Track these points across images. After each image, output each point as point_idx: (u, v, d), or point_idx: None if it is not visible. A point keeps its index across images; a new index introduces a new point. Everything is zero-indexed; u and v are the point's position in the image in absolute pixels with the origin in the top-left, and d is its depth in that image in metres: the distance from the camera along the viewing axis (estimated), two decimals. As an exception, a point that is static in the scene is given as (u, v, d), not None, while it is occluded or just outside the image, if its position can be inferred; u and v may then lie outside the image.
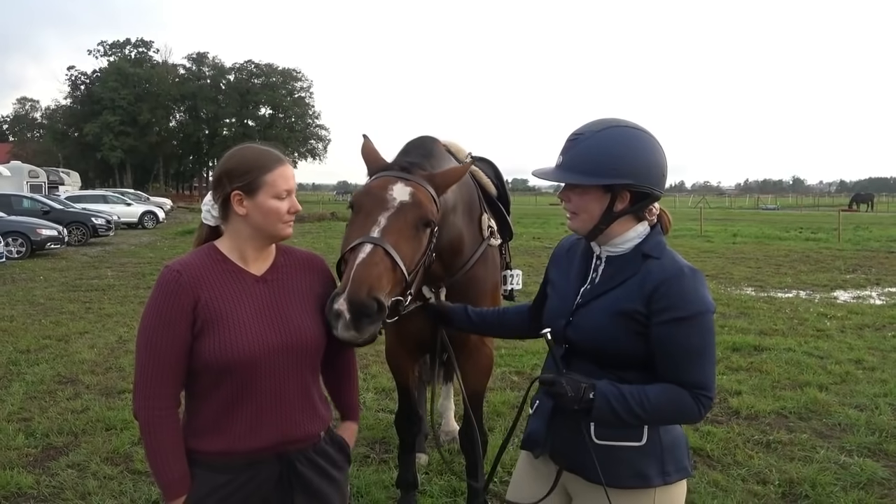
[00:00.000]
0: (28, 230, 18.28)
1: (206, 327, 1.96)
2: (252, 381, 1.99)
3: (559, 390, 1.92)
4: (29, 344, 8.09)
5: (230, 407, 2.00)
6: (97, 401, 6.00)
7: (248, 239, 2.06)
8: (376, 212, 2.40)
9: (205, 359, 1.95)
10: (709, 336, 1.96)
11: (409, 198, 2.44)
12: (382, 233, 2.33)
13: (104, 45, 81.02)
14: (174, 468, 1.97)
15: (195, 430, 2.02)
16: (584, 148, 1.99)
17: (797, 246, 21.46)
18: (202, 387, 2.01)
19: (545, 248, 20.37)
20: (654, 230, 2.09)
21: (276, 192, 2.00)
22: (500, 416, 5.57)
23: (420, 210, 2.45)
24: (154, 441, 1.96)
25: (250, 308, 2.02)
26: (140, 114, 74.98)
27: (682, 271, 1.96)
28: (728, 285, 13.12)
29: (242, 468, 2.01)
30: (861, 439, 5.05)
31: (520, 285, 3.93)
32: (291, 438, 2.06)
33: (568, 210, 2.08)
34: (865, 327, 9.16)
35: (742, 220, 37.35)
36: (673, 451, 2.04)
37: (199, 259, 2.04)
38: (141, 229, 31.06)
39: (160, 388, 1.95)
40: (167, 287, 1.96)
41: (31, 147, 76.50)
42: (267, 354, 1.99)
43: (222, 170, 2.04)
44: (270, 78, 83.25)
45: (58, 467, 4.63)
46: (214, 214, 2.13)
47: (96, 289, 12.72)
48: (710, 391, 1.95)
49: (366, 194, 2.46)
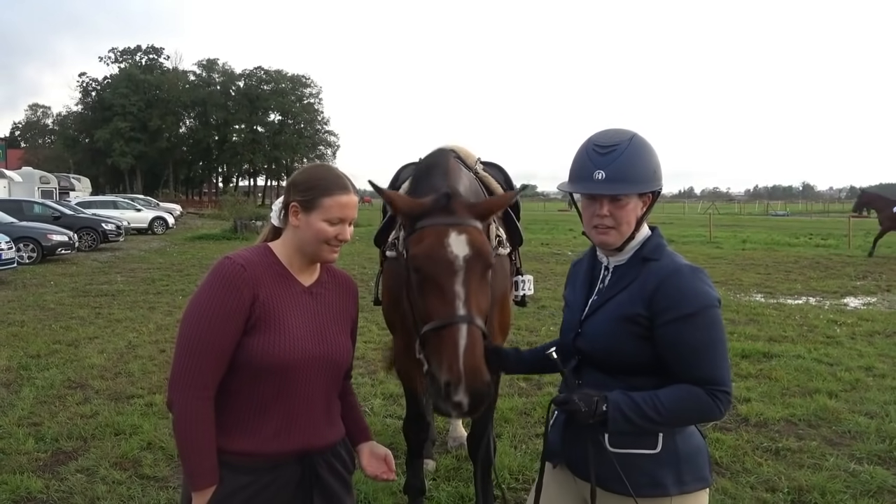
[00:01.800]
0: (39, 236, 18.43)
1: (258, 325, 2.00)
2: (286, 385, 2.03)
3: (573, 407, 1.93)
4: (39, 349, 8.14)
5: (261, 408, 2.03)
6: (106, 406, 6.02)
7: (296, 250, 2.13)
8: (448, 279, 2.38)
9: (249, 356, 1.98)
10: (715, 330, 1.95)
11: (469, 250, 2.42)
12: (467, 306, 2.33)
13: (115, 51, 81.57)
14: (206, 459, 1.96)
15: (223, 427, 2.01)
16: (625, 159, 2.01)
17: (807, 252, 21.36)
18: (237, 384, 2.03)
19: (553, 254, 20.37)
20: (655, 233, 2.13)
21: (329, 216, 2.07)
22: (508, 423, 5.57)
23: (483, 259, 2.45)
24: (189, 431, 1.95)
25: (298, 315, 2.08)
26: (150, 120, 75.38)
27: (680, 270, 1.99)
28: (737, 292, 13.07)
29: (266, 470, 2.03)
30: (871, 447, 5.02)
31: (532, 290, 3.92)
32: (316, 445, 2.10)
33: (603, 225, 2.05)
34: (876, 334, 9.10)
35: (751, 226, 37.26)
36: (691, 461, 2.02)
37: (258, 257, 2.09)
38: (151, 235, 31.19)
39: (204, 379, 1.95)
40: (230, 279, 1.98)
41: (43, 153, 76.96)
42: (305, 362, 2.05)
43: (292, 179, 2.15)
44: (280, 84, 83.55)
45: (67, 472, 4.65)
46: (279, 217, 2.21)
47: (106, 294, 12.78)
48: (725, 385, 1.94)
49: (429, 258, 2.42)
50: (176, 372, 1.97)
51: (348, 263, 17.42)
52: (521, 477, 4.52)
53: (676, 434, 2.01)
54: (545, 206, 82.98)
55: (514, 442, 5.14)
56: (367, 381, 6.81)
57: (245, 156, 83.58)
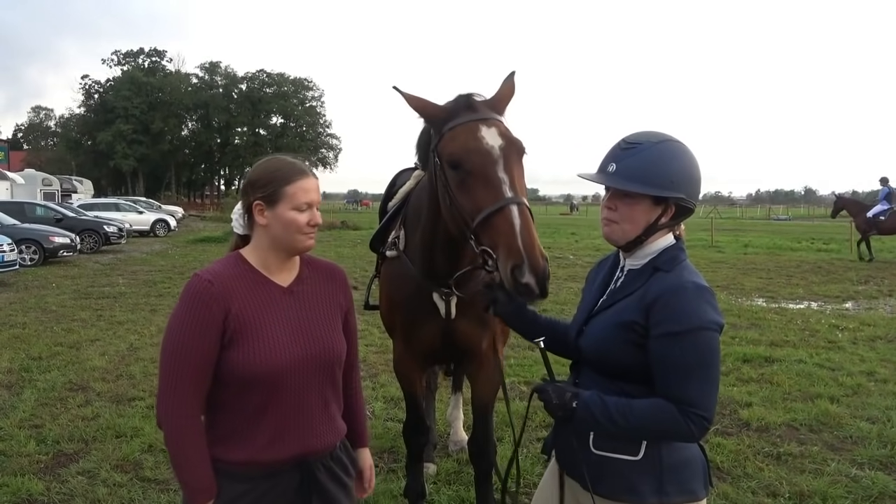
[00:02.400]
0: (41, 238, 18.42)
1: (235, 338, 1.97)
2: (276, 393, 2.00)
3: (545, 397, 1.98)
4: (41, 351, 8.15)
5: (254, 418, 2.01)
6: (108, 408, 6.03)
7: (270, 249, 2.08)
8: (490, 168, 2.46)
9: (232, 369, 1.96)
10: (704, 354, 1.89)
11: (502, 140, 2.54)
12: (514, 189, 2.42)
13: (118, 54, 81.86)
14: (202, 475, 1.96)
15: (217, 438, 2.01)
16: (643, 158, 1.98)
17: (809, 256, 21.33)
18: (226, 397, 2.01)
19: (555, 258, 20.35)
20: (675, 245, 2.07)
21: (296, 203, 2.02)
22: (509, 426, 5.55)
23: (516, 146, 2.57)
24: (181, 450, 1.96)
25: (278, 320, 2.03)
26: (152, 122, 75.51)
27: (684, 287, 1.94)
28: (739, 296, 13.05)
29: (263, 478, 2.02)
30: (873, 452, 5.01)
31: None
32: (312, 450, 2.07)
33: (609, 219, 2.06)
34: (878, 339, 9.08)
35: (753, 230, 37.24)
36: (677, 472, 1.98)
37: (228, 269, 2.05)
38: (153, 237, 31.20)
39: (186, 397, 1.94)
40: (199, 296, 1.96)
41: (45, 155, 77.07)
42: (293, 367, 2.01)
43: (248, 180, 2.09)
44: (282, 87, 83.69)
45: (68, 474, 4.65)
46: (242, 223, 2.15)
47: (108, 296, 12.80)
48: (702, 409, 1.87)
49: (466, 152, 2.50)
50: (161, 391, 1.97)
51: (349, 266, 17.42)
52: (522, 480, 4.51)
53: (662, 443, 1.98)
54: (547, 210, 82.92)
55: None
56: (368, 384, 6.81)
57: (247, 158, 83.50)
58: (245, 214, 2.11)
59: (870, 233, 19.70)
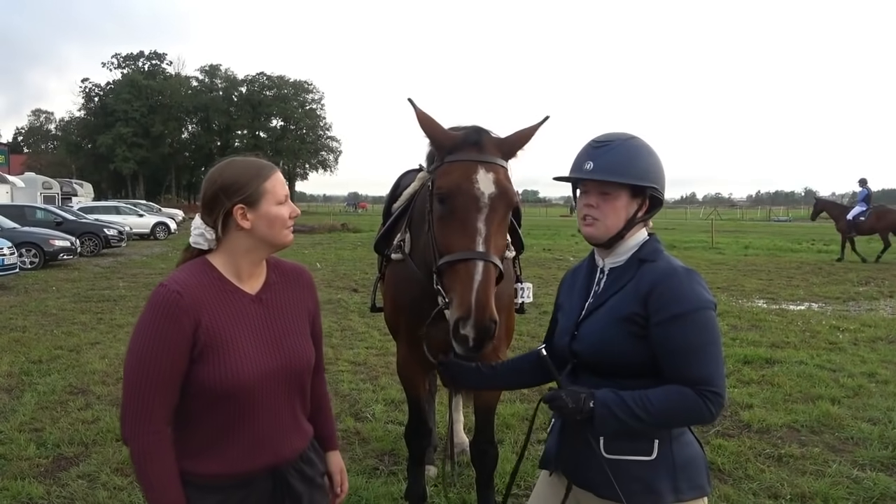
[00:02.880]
0: (41, 241, 18.41)
1: (205, 352, 1.89)
2: (248, 406, 1.95)
3: (560, 404, 1.96)
4: (41, 354, 8.14)
5: (225, 431, 1.95)
6: (108, 411, 6.02)
7: (247, 252, 2.01)
8: (472, 215, 2.47)
9: (203, 384, 1.89)
10: (708, 332, 1.96)
11: (495, 189, 2.51)
12: (486, 244, 2.42)
13: (118, 57, 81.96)
14: (171, 493, 1.88)
15: (187, 451, 1.94)
16: (618, 153, 2.08)
17: (809, 258, 21.33)
18: (195, 409, 1.94)
19: (555, 259, 20.36)
20: (652, 238, 2.16)
21: (277, 198, 1.98)
22: (510, 429, 5.56)
23: (507, 199, 2.55)
24: (148, 467, 1.87)
25: (248, 331, 1.98)
26: (153, 125, 75.64)
27: (676, 271, 2.02)
28: (740, 297, 13.05)
29: (236, 487, 1.97)
30: (874, 453, 5.00)
31: (530, 298, 3.91)
32: (284, 457, 2.04)
33: (590, 216, 2.11)
34: (878, 340, 9.07)
35: (754, 231, 37.28)
36: (687, 469, 2.02)
37: (196, 278, 1.96)
38: (153, 240, 31.20)
39: (153, 413, 1.85)
40: (166, 308, 1.86)
41: (46, 158, 77.29)
42: (265, 379, 1.96)
43: (217, 187, 1.97)
44: (282, 90, 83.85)
45: (68, 478, 4.64)
46: (209, 237, 2.02)
47: (108, 299, 12.79)
48: (716, 386, 1.92)
49: (456, 191, 2.49)
50: (124, 408, 1.88)
51: (350, 269, 17.43)
52: (523, 483, 4.51)
53: (672, 441, 2.01)
54: (547, 212, 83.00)
55: (516, 448, 5.12)
56: (368, 386, 6.80)
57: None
58: (216, 225, 1.99)
59: (850, 234, 20.00)
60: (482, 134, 2.63)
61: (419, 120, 2.73)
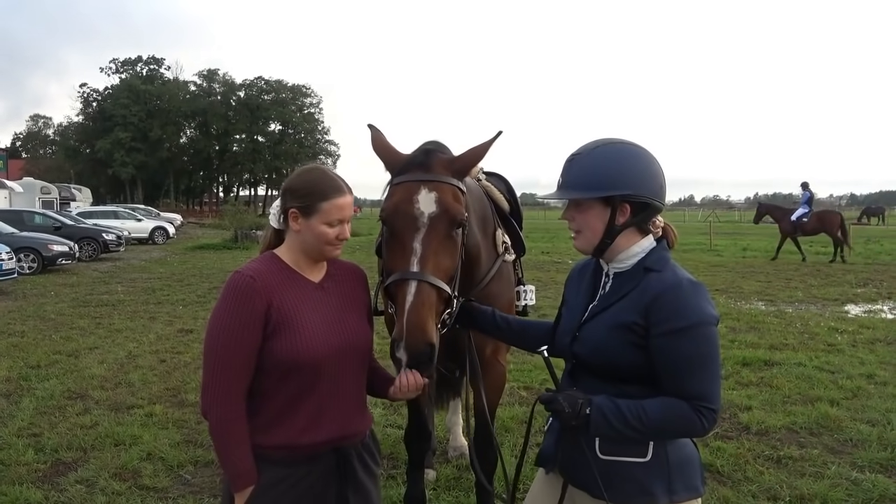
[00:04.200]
0: (40, 246, 18.44)
1: (278, 329, 2.10)
2: (314, 380, 2.14)
3: (557, 407, 1.96)
4: (39, 359, 8.14)
5: (293, 403, 2.14)
6: (106, 416, 6.01)
7: (301, 252, 2.24)
8: (409, 235, 2.40)
9: (276, 358, 2.09)
10: (708, 347, 1.95)
11: (436, 208, 2.43)
12: (421, 264, 2.34)
13: (116, 62, 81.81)
14: (244, 461, 2.09)
15: (258, 426, 2.13)
16: (580, 166, 2.09)
17: (808, 259, 21.36)
18: (268, 385, 2.14)
19: (554, 262, 20.38)
20: (660, 245, 2.13)
21: (329, 220, 2.16)
22: (509, 432, 5.55)
23: (449, 216, 2.45)
24: (226, 436, 2.09)
25: (313, 312, 2.18)
26: (151, 130, 75.51)
27: (681, 283, 1.99)
28: (738, 299, 13.06)
29: (302, 462, 2.15)
30: (873, 455, 5.01)
31: (533, 301, 3.91)
32: (347, 434, 2.22)
33: (572, 230, 2.14)
34: (877, 342, 9.09)
35: (752, 233, 37.14)
36: (682, 470, 2.02)
37: (266, 265, 2.20)
38: (151, 245, 31.22)
39: (233, 386, 2.07)
40: (243, 291, 2.09)
41: (44, 163, 77.05)
42: (329, 355, 2.15)
43: (288, 185, 2.23)
44: (280, 94, 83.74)
45: (66, 483, 4.64)
46: (278, 219, 2.29)
47: (106, 304, 12.78)
48: (712, 402, 1.93)
49: (394, 212, 2.45)
50: (205, 384, 2.10)
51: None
52: (522, 486, 4.50)
53: (667, 443, 2.01)
54: (546, 215, 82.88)
55: (515, 451, 5.12)
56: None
57: (245, 165, 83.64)
58: (281, 215, 2.25)
59: (794, 234, 21.04)
60: (430, 154, 2.57)
61: (373, 143, 2.71)
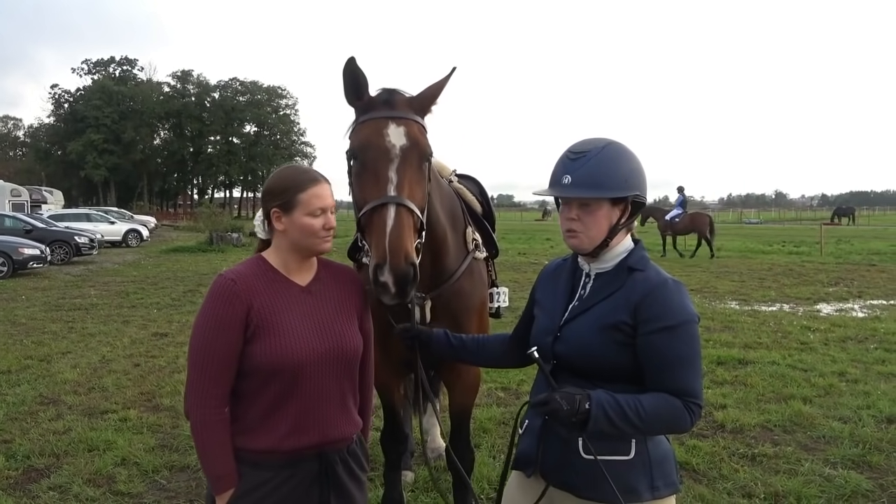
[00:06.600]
0: (10, 249, 18.07)
1: (258, 332, 2.10)
2: (297, 384, 2.13)
3: (554, 407, 1.89)
4: (10, 364, 8.00)
5: (276, 407, 2.13)
6: (80, 421, 5.93)
7: (289, 252, 2.23)
8: (382, 165, 2.47)
9: (256, 361, 2.09)
10: (695, 345, 2.00)
11: (406, 140, 2.53)
12: (398, 189, 2.43)
13: (88, 63, 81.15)
14: (224, 463, 2.10)
15: (241, 429, 2.14)
16: (594, 164, 2.05)
17: (780, 259, 21.64)
18: (250, 388, 2.14)
19: (531, 263, 20.42)
20: (639, 245, 2.17)
21: (310, 210, 2.15)
22: (487, 433, 5.56)
23: (419, 149, 2.56)
24: (206, 438, 2.09)
25: (297, 316, 2.17)
26: (124, 132, 74.78)
27: (667, 283, 2.03)
28: (712, 299, 13.19)
29: (285, 466, 2.14)
30: (845, 451, 5.08)
31: (507, 303, 3.91)
32: (330, 439, 2.20)
33: (574, 229, 2.09)
34: (848, 340, 9.23)
35: (726, 234, 37.56)
36: (661, 466, 2.05)
37: (250, 269, 2.20)
38: (125, 248, 30.80)
39: (213, 389, 2.08)
40: (223, 294, 2.10)
41: (14, 165, 76.12)
42: (312, 359, 2.14)
43: (265, 189, 2.24)
44: (255, 95, 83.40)
45: (39, 490, 4.56)
46: (263, 228, 2.30)
47: (79, 308, 12.61)
48: (700, 399, 1.98)
49: (367, 146, 2.52)
50: (188, 385, 2.11)
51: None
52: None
53: (648, 440, 2.04)
54: (522, 216, 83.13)
55: (493, 452, 5.13)
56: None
57: (220, 167, 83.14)
58: (265, 221, 2.26)
59: (666, 232, 23.26)
60: (393, 93, 2.66)
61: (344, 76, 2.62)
